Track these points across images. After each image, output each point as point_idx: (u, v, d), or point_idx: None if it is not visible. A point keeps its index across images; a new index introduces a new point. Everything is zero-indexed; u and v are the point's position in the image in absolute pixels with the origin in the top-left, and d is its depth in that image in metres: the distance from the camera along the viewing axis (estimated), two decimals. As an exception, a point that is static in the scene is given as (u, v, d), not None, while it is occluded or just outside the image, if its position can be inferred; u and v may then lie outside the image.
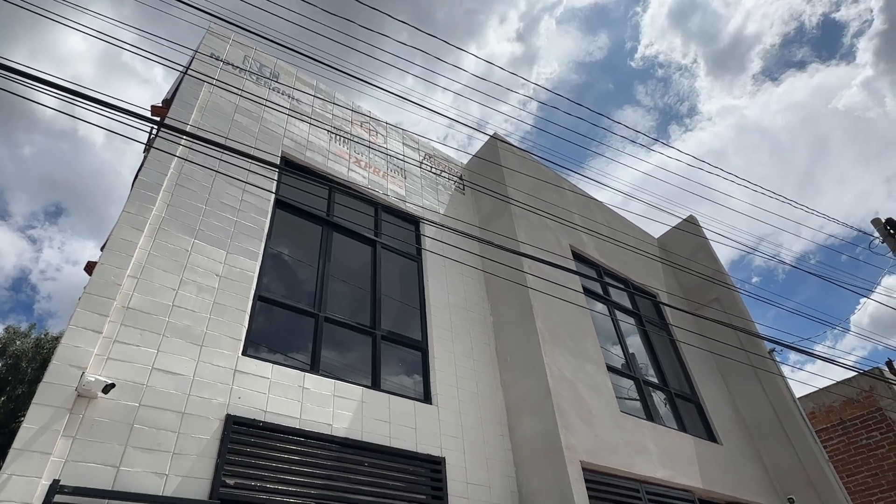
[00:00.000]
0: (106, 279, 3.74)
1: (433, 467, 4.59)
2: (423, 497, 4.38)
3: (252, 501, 3.56)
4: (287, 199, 5.48)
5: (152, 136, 5.62)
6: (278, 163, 5.56)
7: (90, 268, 5.21)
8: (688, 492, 5.74)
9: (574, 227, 7.67)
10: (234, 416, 3.79)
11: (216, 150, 3.98)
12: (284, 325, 4.80)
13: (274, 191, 5.31)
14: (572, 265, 6.94)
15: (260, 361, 4.21)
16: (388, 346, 5.29)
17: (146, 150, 5.65)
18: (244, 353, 4.18)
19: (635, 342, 7.45)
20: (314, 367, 4.56)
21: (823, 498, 6.52)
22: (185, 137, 4.33)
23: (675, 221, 9.87)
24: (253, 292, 4.55)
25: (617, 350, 6.91)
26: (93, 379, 3.28)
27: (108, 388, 3.30)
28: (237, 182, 5.01)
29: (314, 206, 5.68)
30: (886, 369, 10.08)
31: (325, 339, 4.84)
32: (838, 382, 10.25)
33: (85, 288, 3.69)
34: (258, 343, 4.44)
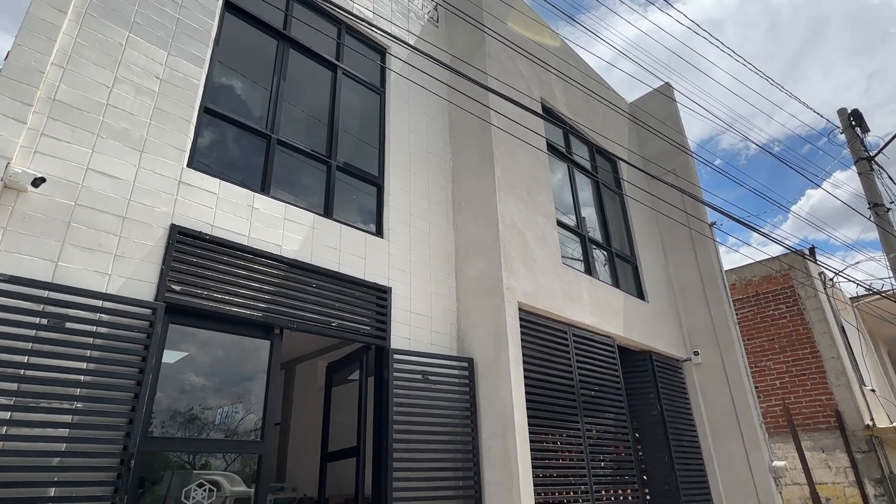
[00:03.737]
0: (25, 63, 3.33)
1: (379, 295, 4.80)
2: (368, 320, 4.63)
3: (198, 308, 3.65)
4: (238, 2, 4.86)
5: None
6: (228, -45, 4.81)
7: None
8: (610, 337, 6.34)
9: (548, 78, 7.33)
10: (179, 226, 3.72)
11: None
12: (233, 142, 4.55)
13: (221, -14, 4.66)
14: (540, 119, 6.75)
15: (207, 176, 4.04)
16: (343, 177, 5.18)
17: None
18: (189, 166, 3.98)
19: (588, 203, 7.63)
20: (265, 189, 4.44)
21: (724, 353, 7.38)
22: None
23: (656, 87, 9.59)
24: (198, 102, 4.21)
25: (569, 207, 7.08)
26: (20, 171, 3.06)
27: (38, 182, 3.11)
28: (178, -30, 4.35)
29: (269, 14, 5.09)
30: (808, 252, 10.92)
31: (276, 162, 4.66)
32: (762, 260, 11.10)
33: (1, 71, 3.28)
34: (205, 157, 4.22)
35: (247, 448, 3.89)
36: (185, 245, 3.71)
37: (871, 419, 9.55)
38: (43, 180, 3.14)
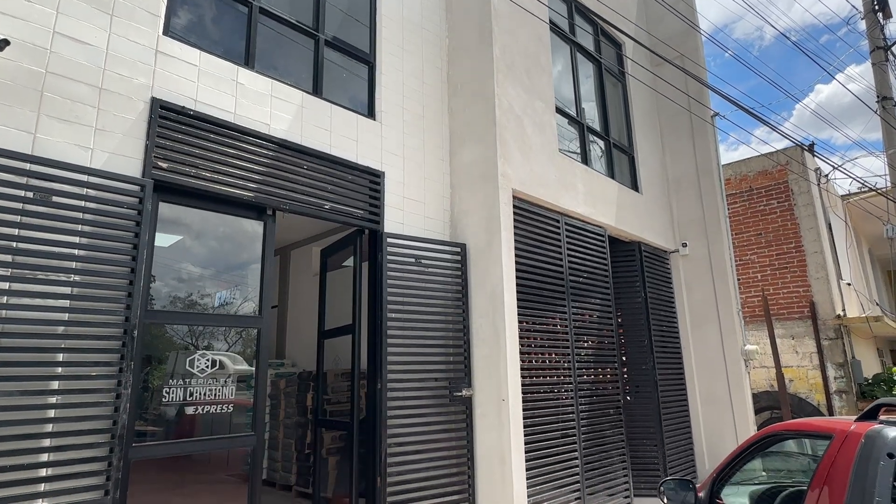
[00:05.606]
0: None
1: (372, 179, 4.73)
2: (361, 204, 4.60)
3: (188, 186, 3.59)
4: None
5: None
6: None
7: None
8: (601, 227, 6.40)
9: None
10: (161, 99, 3.54)
11: None
12: (212, 10, 4.20)
13: None
14: (543, -8, 6.24)
15: (185, 45, 3.77)
16: (332, 54, 4.87)
17: None
18: (165, 34, 3.70)
19: (589, 93, 7.32)
20: (249, 63, 4.18)
21: (712, 246, 7.53)
22: None
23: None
24: (169, -40, 3.81)
25: (570, 96, 6.80)
26: (-20, 31, 2.83)
27: (1, 45, 2.89)
28: None
29: None
30: (807, 149, 10.78)
31: (260, 34, 4.35)
32: (760, 155, 10.98)
33: (-59, -88, 2.91)
34: (182, 25, 3.91)
35: (246, 322, 4.04)
36: (168, 120, 3.56)
37: (843, 310, 10.04)
38: (7, 43, 2.91)
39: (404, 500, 4.24)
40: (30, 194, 2.92)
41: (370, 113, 4.98)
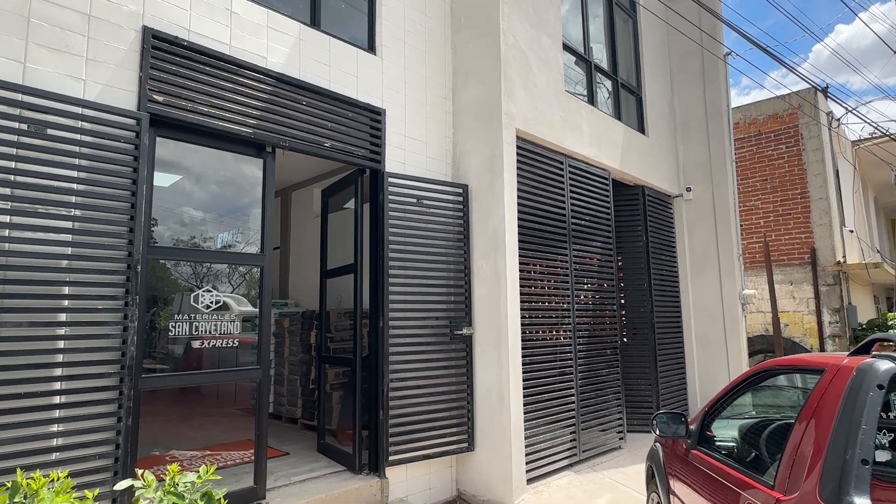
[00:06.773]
0: None
1: (373, 117, 4.62)
2: (362, 143, 4.52)
3: (185, 121, 3.51)
4: None
5: None
6: None
7: None
8: (605, 170, 6.32)
9: None
10: (152, 28, 3.40)
11: None
12: (202, -68, 3.96)
13: None
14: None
15: (175, -29, 3.59)
16: (330, -17, 4.64)
17: None
18: (154, -43, 3.52)
19: (598, 32, 7.03)
20: (243, -9, 3.99)
21: (717, 190, 7.46)
22: None
23: None
24: None
25: (577, 32, 6.53)
26: (-41, -50, 2.68)
27: (-18, -34, 2.75)
28: None
29: None
30: (821, 91, 10.46)
31: (254, -41, 4.12)
32: (770, 98, 10.68)
33: None
34: (171, -52, 3.70)
35: (249, 260, 4.07)
36: (161, 51, 3.44)
37: (844, 256, 10.06)
38: (-12, -36, 2.77)
39: (405, 431, 4.41)
40: (23, 126, 2.87)
41: (370, 47, 4.80)
